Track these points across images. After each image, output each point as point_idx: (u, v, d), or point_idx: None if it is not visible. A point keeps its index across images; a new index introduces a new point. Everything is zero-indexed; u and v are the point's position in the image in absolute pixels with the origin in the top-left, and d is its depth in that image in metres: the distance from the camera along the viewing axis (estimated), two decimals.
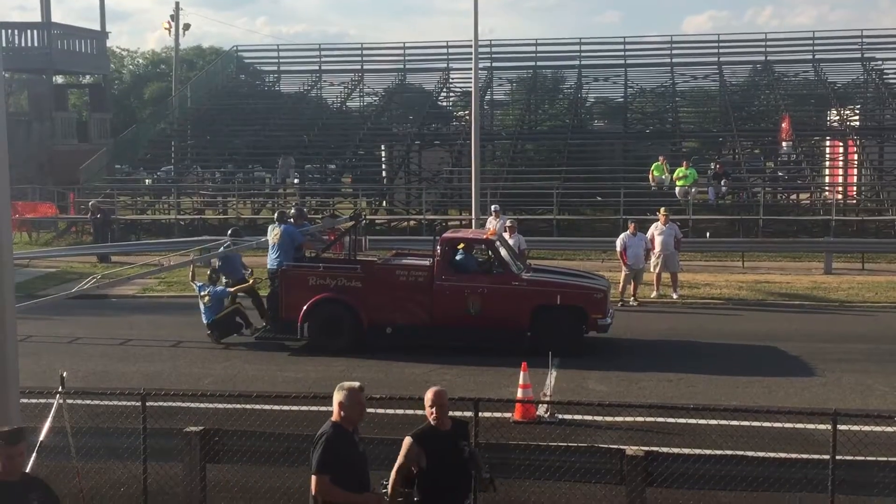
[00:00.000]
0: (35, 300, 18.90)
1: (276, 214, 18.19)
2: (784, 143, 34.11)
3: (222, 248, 18.36)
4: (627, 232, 20.39)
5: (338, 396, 6.52)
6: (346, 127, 40.11)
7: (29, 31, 40.20)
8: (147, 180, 38.33)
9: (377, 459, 8.73)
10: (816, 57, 40.77)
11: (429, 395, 6.88)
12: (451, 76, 42.86)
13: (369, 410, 11.57)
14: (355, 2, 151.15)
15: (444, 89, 42.83)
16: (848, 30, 53.35)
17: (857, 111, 37.24)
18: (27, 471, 6.51)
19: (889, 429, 10.03)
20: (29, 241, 31.74)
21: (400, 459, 6.75)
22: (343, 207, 32.12)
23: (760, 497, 8.53)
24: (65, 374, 8.96)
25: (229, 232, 19.66)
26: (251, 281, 17.62)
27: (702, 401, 12.16)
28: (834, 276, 23.48)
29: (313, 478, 6.35)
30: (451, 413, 8.46)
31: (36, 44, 39.91)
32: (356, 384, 6.62)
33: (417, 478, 6.72)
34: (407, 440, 6.78)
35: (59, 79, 47.17)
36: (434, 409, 6.83)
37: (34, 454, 8.34)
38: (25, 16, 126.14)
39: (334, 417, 6.52)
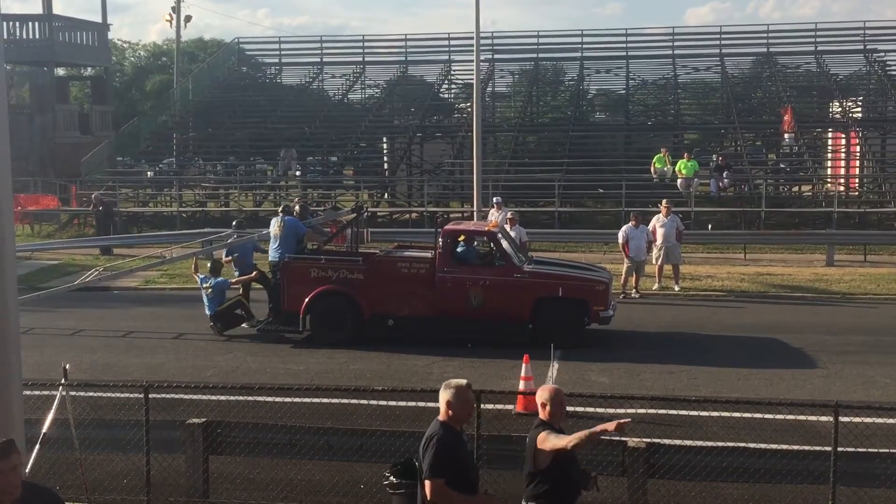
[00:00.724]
0: (37, 292, 18.91)
1: (280, 208, 18.21)
2: (786, 135, 34.05)
3: (230, 239, 18.37)
4: (629, 224, 20.38)
5: (445, 395, 6.23)
6: (347, 119, 40.07)
7: (30, 23, 40.11)
8: (149, 173, 38.34)
9: (379, 451, 8.79)
10: (819, 48, 40.66)
11: (545, 393, 6.52)
12: (453, 68, 42.79)
13: (371, 403, 11.72)
14: None
15: (446, 81, 42.76)
16: (850, 21, 53.24)
17: (860, 103, 37.17)
18: (32, 481, 5.91)
19: (891, 420, 10.03)
20: (31, 234, 31.77)
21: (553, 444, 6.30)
22: (345, 200, 32.12)
23: (762, 489, 8.54)
24: (67, 366, 8.97)
25: (234, 224, 19.66)
26: (255, 273, 17.63)
27: (703, 393, 12.18)
28: (836, 268, 23.48)
29: (427, 483, 6.05)
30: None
31: (37, 36, 39.84)
32: (463, 381, 6.34)
33: (541, 475, 6.38)
34: (545, 435, 6.35)
35: (60, 71, 47.15)
36: (551, 406, 6.45)
37: (37, 445, 8.36)
38: (26, 8, 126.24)
39: (441, 417, 6.24)
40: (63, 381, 8.82)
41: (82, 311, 18.82)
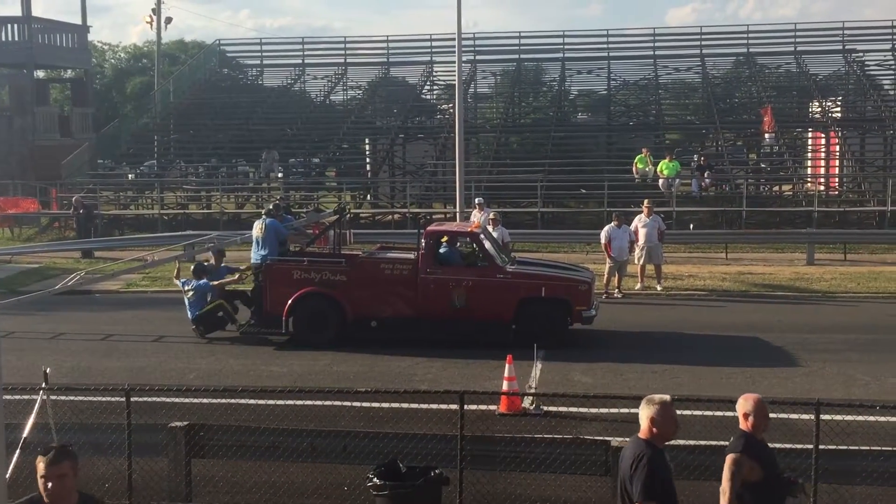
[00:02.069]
0: (18, 296, 18.82)
1: (264, 210, 18.17)
2: (766, 135, 34.24)
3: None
4: (612, 224, 20.43)
5: (648, 411, 5.93)
6: (329, 121, 40.00)
7: (9, 25, 39.89)
8: (130, 175, 38.08)
9: (363, 453, 8.78)
10: (798, 49, 40.91)
11: (749, 404, 6.26)
12: (435, 69, 42.79)
13: (355, 404, 11.70)
14: None
15: (428, 82, 42.76)
16: (829, 21, 53.36)
17: (839, 103, 37.41)
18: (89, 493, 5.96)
19: (871, 418, 10.10)
20: (11, 237, 31.57)
21: (731, 482, 6.01)
22: (327, 201, 32.06)
23: None
24: (48, 370, 8.91)
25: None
26: (237, 276, 17.56)
27: (686, 392, 12.24)
28: (816, 266, 23.62)
29: None
30: (441, 406, 8.44)
31: (16, 38, 39.61)
32: (667, 397, 6.04)
33: (744, 492, 6.07)
34: (733, 457, 6.07)
35: (40, 73, 46.93)
36: (755, 418, 6.20)
37: (18, 450, 8.30)
38: (5, 10, 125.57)
39: (644, 434, 5.94)
40: (44, 384, 8.75)
41: (63, 315, 18.69)
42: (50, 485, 5.17)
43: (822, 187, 33.06)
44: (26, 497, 5.38)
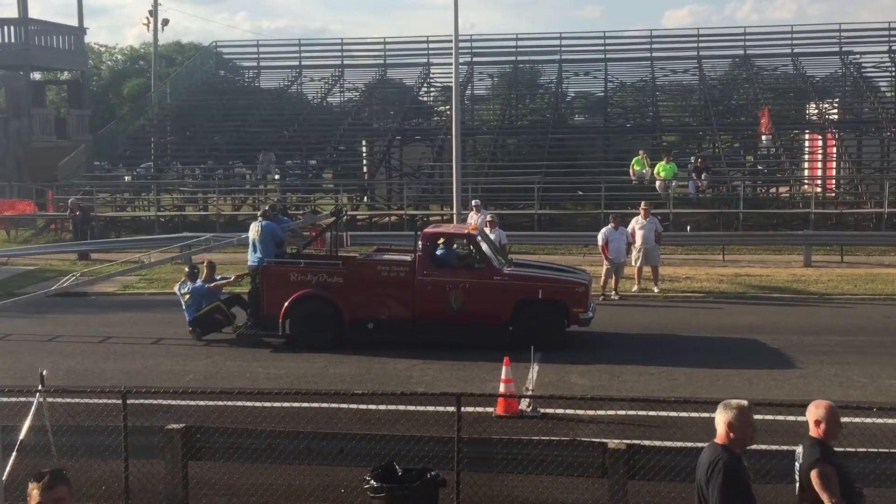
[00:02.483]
0: (14, 298, 18.80)
1: (259, 212, 18.17)
2: (763, 137, 34.27)
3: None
4: (609, 226, 20.43)
5: (725, 416, 5.82)
6: (326, 122, 39.99)
7: (6, 27, 39.83)
8: (126, 177, 38.09)
9: (359, 455, 8.76)
10: (795, 51, 40.95)
11: (821, 411, 6.15)
12: (432, 71, 42.79)
13: (351, 406, 11.69)
14: None
15: (425, 84, 42.76)
16: (826, 23, 53.47)
17: (836, 105, 37.46)
18: None
19: (868, 420, 10.09)
20: (7, 239, 31.52)
21: (830, 490, 5.92)
22: (324, 203, 32.04)
23: None
24: (44, 373, 8.90)
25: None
26: (232, 278, 17.56)
27: (683, 394, 12.23)
28: (813, 268, 23.63)
29: None
30: (438, 409, 8.39)
31: (13, 40, 39.55)
32: (744, 402, 5.92)
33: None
34: (819, 469, 5.99)
35: (36, 75, 46.82)
36: (827, 424, 6.11)
37: (14, 452, 8.29)
38: (1, 11, 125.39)
39: (721, 440, 5.84)
40: (40, 387, 8.74)
41: (59, 317, 18.66)
42: None
43: (818, 189, 33.11)
44: None
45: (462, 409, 8.36)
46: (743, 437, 5.81)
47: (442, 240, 16.19)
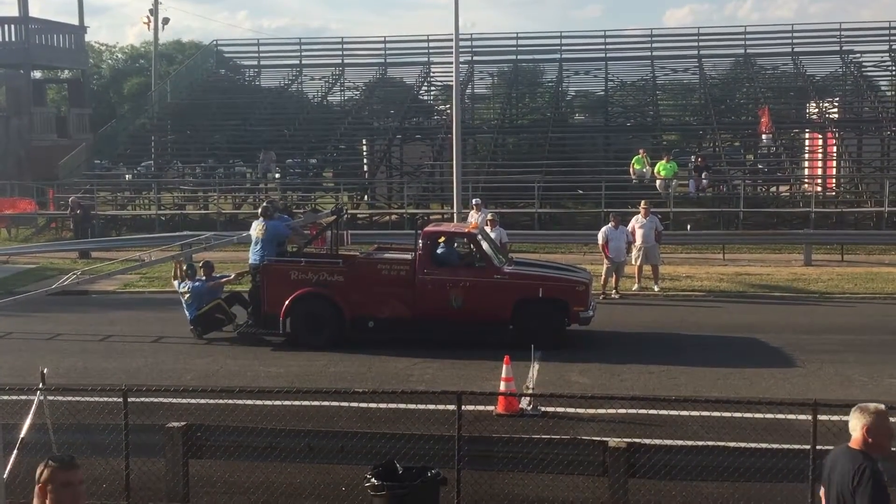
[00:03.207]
0: (14, 297, 18.81)
1: (259, 210, 18.13)
2: (764, 136, 34.28)
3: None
4: (609, 225, 20.44)
5: (862, 419, 5.52)
6: (327, 121, 39.98)
7: (6, 26, 39.82)
8: (127, 176, 38.10)
9: (360, 454, 8.77)
10: (795, 50, 40.91)
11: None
12: (433, 70, 42.77)
13: (352, 405, 11.70)
14: None
15: (426, 83, 42.75)
16: (826, 23, 53.43)
17: (836, 104, 37.44)
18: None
19: None
20: (8, 238, 31.54)
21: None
22: (324, 202, 32.05)
23: (742, 487, 8.59)
24: (45, 371, 8.90)
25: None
26: (233, 276, 17.56)
27: (683, 392, 12.24)
28: (814, 267, 23.64)
29: None
30: (438, 407, 8.28)
31: (13, 38, 39.55)
32: (881, 406, 5.61)
33: None
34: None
35: (37, 74, 46.81)
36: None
37: (15, 450, 8.29)
38: (2, 10, 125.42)
39: (857, 445, 5.53)
40: (41, 385, 8.75)
41: (60, 315, 18.67)
42: (73, 491, 4.73)
43: (819, 188, 33.11)
44: None
45: (463, 407, 8.37)
46: (882, 441, 5.54)
47: (442, 238, 16.18)
